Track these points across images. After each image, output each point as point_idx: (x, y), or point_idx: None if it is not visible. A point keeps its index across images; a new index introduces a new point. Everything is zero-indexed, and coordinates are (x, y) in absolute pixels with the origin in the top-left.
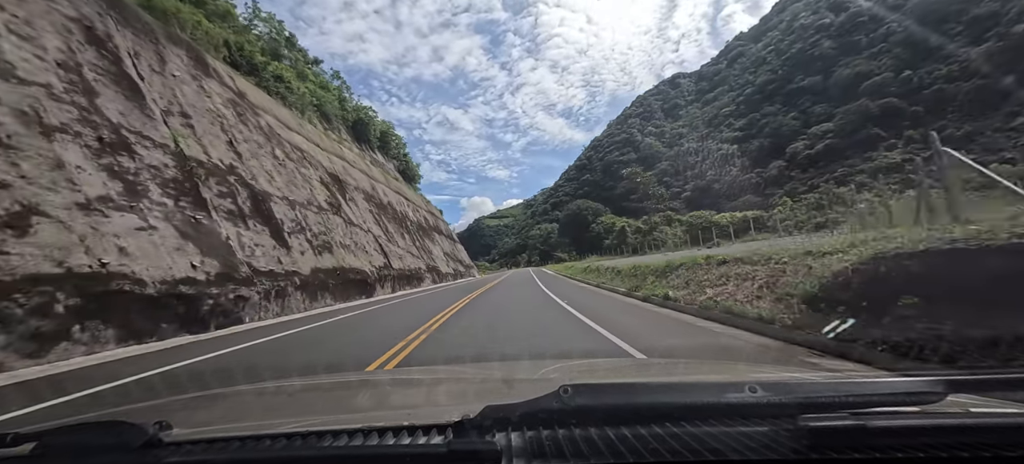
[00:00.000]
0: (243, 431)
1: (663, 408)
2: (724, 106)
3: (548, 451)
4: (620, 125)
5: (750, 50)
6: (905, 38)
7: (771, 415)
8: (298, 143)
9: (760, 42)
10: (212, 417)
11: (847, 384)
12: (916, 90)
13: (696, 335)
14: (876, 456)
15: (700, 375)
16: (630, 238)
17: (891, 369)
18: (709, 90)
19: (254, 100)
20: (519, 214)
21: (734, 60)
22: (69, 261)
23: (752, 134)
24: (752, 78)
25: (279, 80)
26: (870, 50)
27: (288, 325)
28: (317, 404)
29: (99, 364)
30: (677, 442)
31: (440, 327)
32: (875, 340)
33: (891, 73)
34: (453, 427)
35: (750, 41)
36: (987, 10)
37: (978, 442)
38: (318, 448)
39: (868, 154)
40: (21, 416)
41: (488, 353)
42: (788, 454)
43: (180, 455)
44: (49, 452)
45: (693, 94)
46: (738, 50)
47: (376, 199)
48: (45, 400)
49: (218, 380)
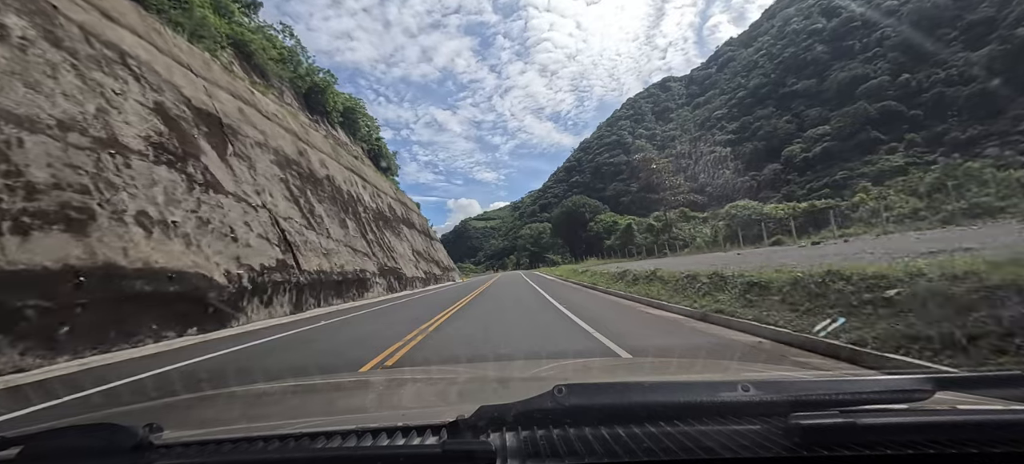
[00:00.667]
0: (235, 433)
1: (656, 407)
2: (716, 109)
3: (542, 451)
4: (610, 127)
5: (741, 55)
6: (900, 42)
7: (763, 413)
8: (129, 47)
9: (751, 47)
10: (203, 419)
11: (837, 382)
12: (915, 93)
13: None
14: (866, 453)
15: (693, 374)
16: (638, 238)
17: (880, 367)
18: (699, 94)
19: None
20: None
21: (724, 65)
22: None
23: (745, 137)
24: (744, 81)
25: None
26: (864, 54)
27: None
28: (310, 405)
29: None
30: (670, 441)
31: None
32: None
33: (888, 77)
34: (447, 427)
35: (740, 46)
36: (983, 16)
37: (965, 438)
38: (311, 450)
39: (868, 157)
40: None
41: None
42: (780, 452)
43: (171, 458)
44: (36, 456)
45: (683, 98)
46: (728, 55)
47: (301, 168)
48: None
49: (209, 381)
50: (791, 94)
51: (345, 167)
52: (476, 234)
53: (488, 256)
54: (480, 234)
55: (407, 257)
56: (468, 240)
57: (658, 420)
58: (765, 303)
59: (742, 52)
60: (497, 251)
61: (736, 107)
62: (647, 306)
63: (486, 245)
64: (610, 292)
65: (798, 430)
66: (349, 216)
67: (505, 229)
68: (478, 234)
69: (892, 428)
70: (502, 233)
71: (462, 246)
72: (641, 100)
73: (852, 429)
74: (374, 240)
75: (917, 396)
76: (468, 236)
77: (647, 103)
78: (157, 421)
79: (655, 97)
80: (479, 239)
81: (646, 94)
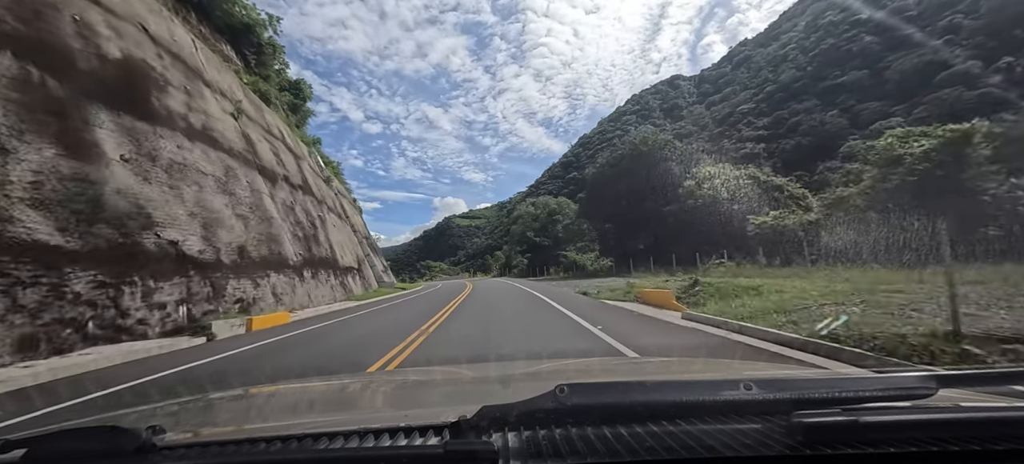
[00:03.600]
0: (237, 434)
1: (659, 406)
2: (740, 103)
3: (545, 451)
4: (613, 123)
5: (760, 54)
6: (987, 24)
7: (765, 412)
8: None
9: (772, 45)
10: (206, 421)
11: (840, 381)
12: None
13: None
14: (869, 451)
15: (695, 373)
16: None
17: (882, 366)
18: (713, 92)
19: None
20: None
21: (740, 64)
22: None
23: (781, 133)
24: (772, 75)
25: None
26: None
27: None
28: (312, 406)
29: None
30: (673, 440)
31: None
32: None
33: (980, 62)
34: (449, 428)
35: (756, 46)
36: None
37: (968, 436)
38: (314, 451)
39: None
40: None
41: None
42: (782, 450)
43: (174, 460)
44: (39, 459)
45: (694, 96)
46: (744, 54)
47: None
48: None
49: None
50: (836, 87)
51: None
52: (459, 232)
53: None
54: (463, 232)
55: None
56: (450, 238)
57: (660, 419)
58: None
59: (760, 51)
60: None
61: (765, 102)
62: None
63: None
64: None
65: (801, 428)
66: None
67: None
68: (461, 232)
69: (894, 426)
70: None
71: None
72: (648, 96)
73: (854, 427)
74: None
75: (920, 394)
76: (450, 233)
77: (655, 99)
78: (159, 423)
79: (663, 93)
80: (461, 237)
81: (653, 90)
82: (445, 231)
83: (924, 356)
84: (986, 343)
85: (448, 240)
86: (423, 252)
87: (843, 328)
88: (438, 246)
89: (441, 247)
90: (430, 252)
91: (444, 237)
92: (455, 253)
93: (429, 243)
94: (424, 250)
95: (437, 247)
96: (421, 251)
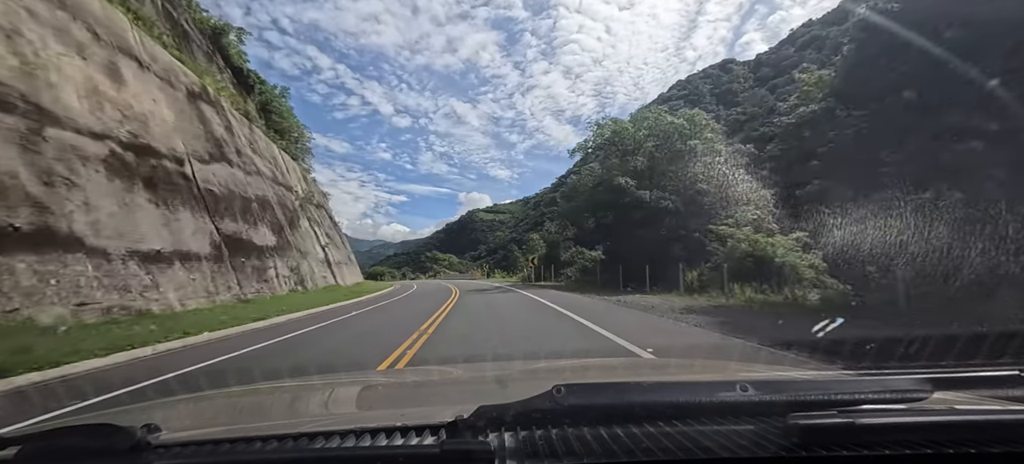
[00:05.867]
0: (233, 433)
1: (655, 407)
2: None
3: (541, 451)
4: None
5: (833, 33)
6: None
7: (761, 413)
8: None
9: (842, 25)
10: (202, 419)
11: (836, 383)
12: None
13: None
14: (864, 453)
15: (692, 375)
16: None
17: (878, 368)
18: (774, 76)
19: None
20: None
21: (803, 47)
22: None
23: None
24: None
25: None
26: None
27: None
28: (308, 405)
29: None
30: (669, 441)
31: None
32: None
33: None
34: (446, 427)
35: (822, 27)
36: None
37: (963, 438)
38: (309, 450)
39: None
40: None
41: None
42: (778, 452)
43: (169, 458)
44: (34, 456)
45: (752, 81)
46: (809, 35)
47: None
48: None
49: (209, 381)
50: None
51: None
52: (482, 226)
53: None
54: (486, 226)
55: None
56: (472, 231)
57: (657, 420)
58: None
59: (829, 31)
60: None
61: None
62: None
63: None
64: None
65: (796, 430)
66: None
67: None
68: (483, 226)
69: (890, 428)
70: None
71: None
72: (697, 80)
73: (850, 429)
74: None
75: (916, 396)
76: (473, 227)
77: (705, 83)
78: (155, 421)
79: (714, 78)
80: (484, 231)
81: (702, 75)
82: (467, 224)
83: None
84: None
85: (470, 233)
86: (444, 245)
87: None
88: (460, 240)
89: (462, 241)
90: (451, 245)
91: (466, 231)
92: (476, 247)
93: (451, 236)
94: (445, 243)
95: (458, 241)
96: (442, 244)
